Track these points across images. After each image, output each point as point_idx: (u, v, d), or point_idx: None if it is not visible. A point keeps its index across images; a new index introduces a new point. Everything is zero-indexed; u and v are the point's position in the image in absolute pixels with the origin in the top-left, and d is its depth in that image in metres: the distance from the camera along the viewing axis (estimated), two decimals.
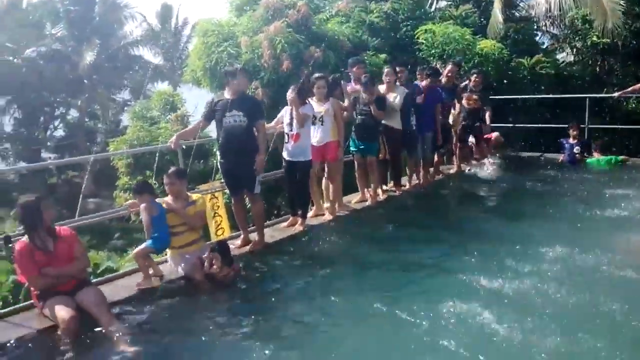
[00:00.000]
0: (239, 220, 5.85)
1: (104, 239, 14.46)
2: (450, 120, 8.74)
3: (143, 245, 4.74)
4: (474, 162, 9.46)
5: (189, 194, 5.13)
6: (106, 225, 15.08)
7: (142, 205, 4.73)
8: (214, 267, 4.73)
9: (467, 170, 9.15)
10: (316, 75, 6.50)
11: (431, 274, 4.93)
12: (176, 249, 4.90)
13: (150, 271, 4.78)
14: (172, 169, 5.06)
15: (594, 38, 12.13)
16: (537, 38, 13.82)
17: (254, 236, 5.80)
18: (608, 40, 11.79)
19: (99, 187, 18.86)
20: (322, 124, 6.32)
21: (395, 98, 7.23)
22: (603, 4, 11.15)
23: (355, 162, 7.32)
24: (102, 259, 10.34)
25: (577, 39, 12.91)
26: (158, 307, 4.43)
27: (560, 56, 13.65)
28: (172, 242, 4.88)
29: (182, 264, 4.82)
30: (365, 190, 7.35)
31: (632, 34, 11.84)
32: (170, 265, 4.95)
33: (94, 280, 4.81)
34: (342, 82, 6.97)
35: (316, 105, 6.27)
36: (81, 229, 5.01)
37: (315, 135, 6.34)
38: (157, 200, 4.86)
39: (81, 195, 5.87)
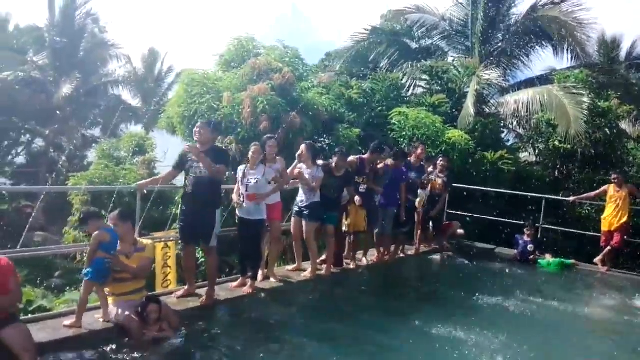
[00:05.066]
0: (187, 271, 5.71)
1: (44, 276, 13.73)
2: (417, 203, 8.86)
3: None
4: (432, 246, 9.59)
5: (139, 239, 4.99)
6: (49, 262, 14.41)
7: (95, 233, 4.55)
8: (152, 314, 4.53)
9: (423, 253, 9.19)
10: (268, 135, 6.74)
11: None
12: (117, 296, 4.70)
13: (97, 315, 4.65)
14: (116, 210, 4.88)
15: (556, 142, 12.76)
16: (502, 135, 14.47)
17: (200, 291, 5.64)
18: (569, 146, 12.45)
19: (49, 220, 18.14)
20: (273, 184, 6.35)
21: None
22: (568, 111, 11.86)
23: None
24: (37, 296, 9.79)
25: (540, 140, 13.54)
26: (81, 355, 4.22)
27: (522, 155, 14.26)
28: (114, 288, 4.70)
29: (119, 312, 4.60)
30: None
31: (591, 142, 12.51)
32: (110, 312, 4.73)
33: (23, 318, 4.54)
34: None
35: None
36: (21, 262, 4.80)
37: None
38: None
39: (27, 226, 5.66)
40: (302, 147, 6.89)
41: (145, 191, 6.06)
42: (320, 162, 7.13)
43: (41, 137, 25.40)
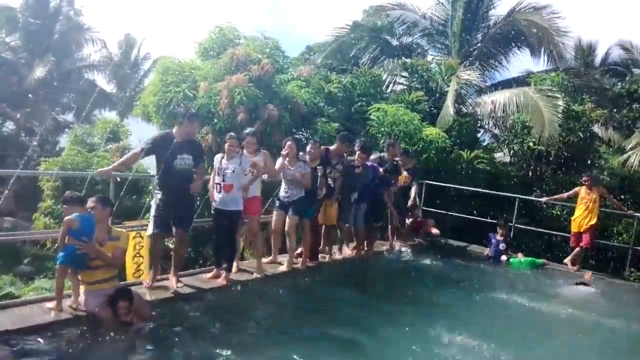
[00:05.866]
0: (156, 257, 5.71)
1: (12, 262, 13.40)
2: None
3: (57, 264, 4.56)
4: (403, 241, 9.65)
5: (113, 227, 4.89)
6: (18, 248, 14.09)
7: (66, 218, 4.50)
8: (121, 309, 4.45)
9: (396, 249, 9.26)
10: (248, 131, 6.65)
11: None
12: (88, 284, 4.61)
13: (68, 302, 4.55)
14: (97, 195, 4.86)
15: (531, 144, 13.00)
16: (478, 135, 14.64)
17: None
18: (543, 147, 12.67)
19: (19, 206, 17.72)
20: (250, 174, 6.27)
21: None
22: (543, 113, 12.06)
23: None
24: (5, 282, 9.55)
25: (515, 141, 13.74)
26: (50, 342, 4.13)
27: (497, 155, 14.45)
28: (85, 276, 4.60)
29: (90, 301, 4.52)
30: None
31: (565, 145, 12.77)
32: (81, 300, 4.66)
33: None
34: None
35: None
36: None
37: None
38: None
39: None
40: (289, 143, 6.74)
41: (119, 179, 5.96)
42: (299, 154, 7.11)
43: (12, 121, 24.70)
